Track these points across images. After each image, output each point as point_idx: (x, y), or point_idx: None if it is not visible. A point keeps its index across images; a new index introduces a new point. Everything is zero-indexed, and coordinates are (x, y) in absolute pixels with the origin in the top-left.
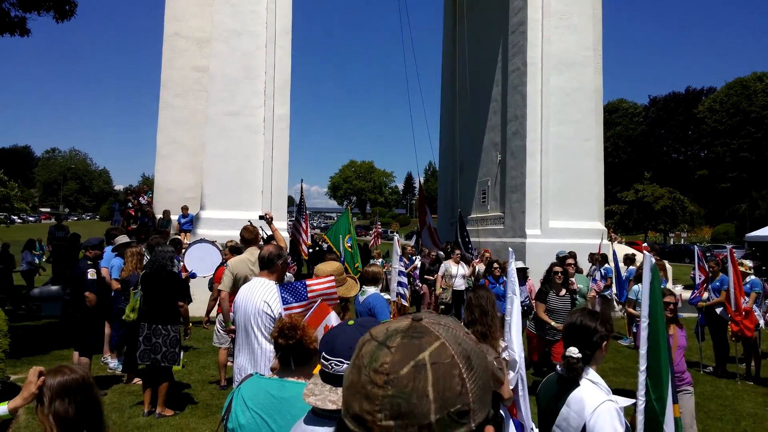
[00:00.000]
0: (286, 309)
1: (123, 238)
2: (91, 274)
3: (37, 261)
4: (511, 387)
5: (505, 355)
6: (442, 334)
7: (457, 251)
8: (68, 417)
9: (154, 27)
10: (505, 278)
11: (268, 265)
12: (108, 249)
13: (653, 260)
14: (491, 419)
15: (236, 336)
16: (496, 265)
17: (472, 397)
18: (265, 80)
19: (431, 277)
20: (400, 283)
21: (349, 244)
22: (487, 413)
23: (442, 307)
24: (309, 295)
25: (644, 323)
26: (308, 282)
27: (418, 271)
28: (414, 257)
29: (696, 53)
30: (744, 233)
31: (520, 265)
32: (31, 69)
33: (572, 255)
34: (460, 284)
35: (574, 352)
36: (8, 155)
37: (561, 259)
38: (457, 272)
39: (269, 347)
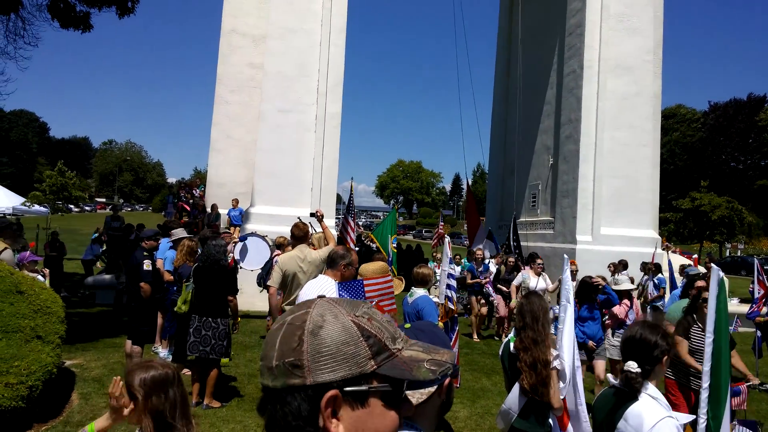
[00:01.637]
0: None
1: (181, 232)
2: (147, 265)
3: (100, 251)
4: (561, 397)
5: (556, 363)
6: (315, 307)
7: (539, 260)
8: (163, 411)
9: (212, 23)
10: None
11: (330, 265)
12: (164, 241)
13: (720, 274)
14: (350, 391)
15: None
16: (598, 281)
17: (307, 356)
18: (319, 78)
19: (505, 288)
20: (448, 286)
21: (395, 245)
22: (336, 380)
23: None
24: (366, 294)
25: (709, 339)
26: (366, 281)
27: (492, 278)
28: (488, 262)
29: (759, 59)
30: None
31: (627, 285)
32: (92, 63)
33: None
34: None
35: (633, 366)
36: (68, 146)
37: (690, 280)
38: (536, 285)
39: None
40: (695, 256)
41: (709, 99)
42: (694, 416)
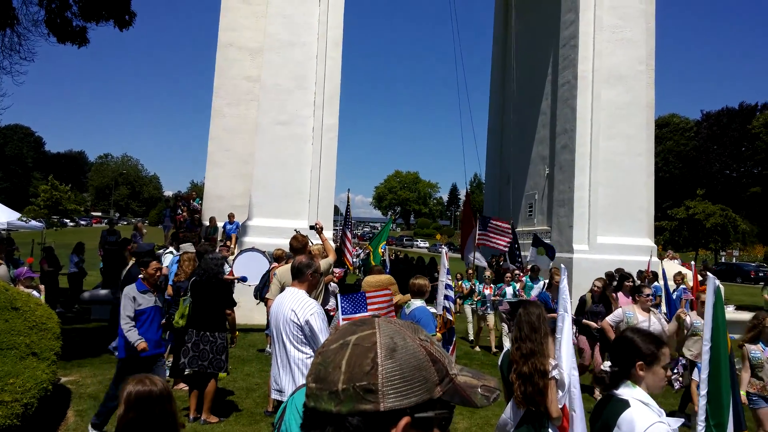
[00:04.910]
0: (344, 319)
1: (189, 247)
2: None
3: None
4: (560, 406)
5: (555, 373)
6: (381, 327)
7: (647, 291)
8: (142, 426)
9: (208, 37)
10: None
11: (297, 275)
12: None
13: (717, 282)
14: (421, 418)
15: (272, 345)
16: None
17: (382, 380)
18: (315, 91)
19: (592, 323)
20: (446, 297)
21: (383, 250)
22: (409, 406)
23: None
24: (369, 307)
25: (706, 347)
26: (368, 294)
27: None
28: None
29: (750, 68)
30: None
31: None
32: (87, 75)
33: None
34: None
35: (606, 365)
36: (64, 160)
37: None
38: (648, 326)
39: (296, 354)
40: (692, 262)
41: (702, 108)
42: (683, 419)
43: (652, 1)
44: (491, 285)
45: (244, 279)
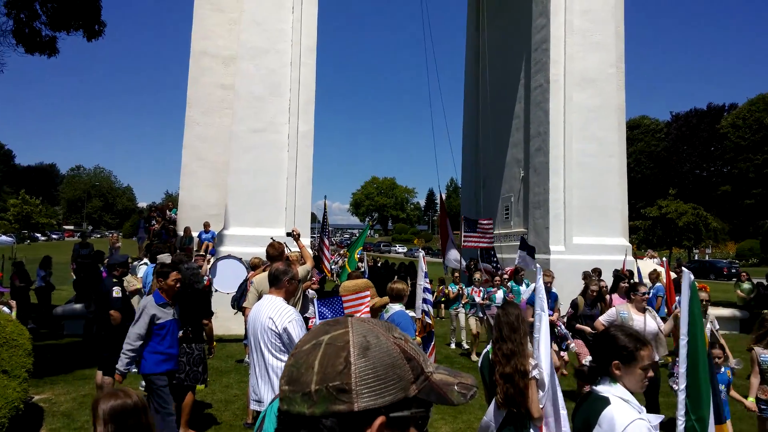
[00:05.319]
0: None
1: (166, 258)
2: (116, 292)
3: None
4: (541, 406)
5: (534, 373)
6: (354, 327)
7: (642, 289)
8: None
9: (181, 45)
10: None
11: (274, 282)
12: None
13: (692, 277)
14: (398, 418)
15: (250, 354)
16: None
17: (355, 379)
18: (290, 98)
19: (587, 327)
20: (425, 300)
21: (359, 255)
22: (383, 405)
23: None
24: (345, 310)
25: (683, 341)
26: (344, 298)
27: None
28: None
29: (717, 70)
30: None
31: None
32: (58, 87)
33: None
34: None
35: (587, 360)
36: (34, 173)
37: None
38: (644, 326)
39: (274, 362)
40: (665, 258)
41: (671, 109)
42: (663, 416)
43: (621, 5)
44: (480, 289)
45: (212, 252)
